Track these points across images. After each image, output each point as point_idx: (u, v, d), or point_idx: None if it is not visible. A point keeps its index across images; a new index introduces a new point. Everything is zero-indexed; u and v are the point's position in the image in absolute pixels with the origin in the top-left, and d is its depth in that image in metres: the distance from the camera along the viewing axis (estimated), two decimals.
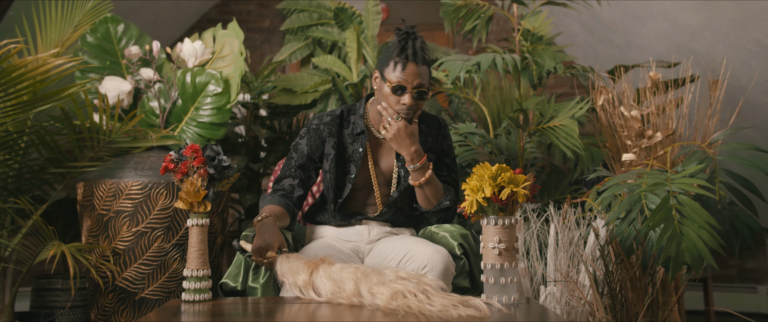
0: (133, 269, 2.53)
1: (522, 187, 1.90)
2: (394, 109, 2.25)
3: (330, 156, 2.34)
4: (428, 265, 2.11)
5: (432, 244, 2.20)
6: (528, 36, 3.00)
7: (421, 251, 2.14)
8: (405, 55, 2.21)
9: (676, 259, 1.96)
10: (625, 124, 2.64)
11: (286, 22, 3.30)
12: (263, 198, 2.33)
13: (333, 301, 1.89)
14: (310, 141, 2.36)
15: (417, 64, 2.22)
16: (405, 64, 2.22)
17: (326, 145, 2.35)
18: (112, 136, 2.58)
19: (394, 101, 2.24)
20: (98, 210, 2.55)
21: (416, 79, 2.22)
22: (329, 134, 2.35)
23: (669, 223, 1.97)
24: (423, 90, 2.24)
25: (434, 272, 2.09)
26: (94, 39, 2.82)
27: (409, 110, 2.24)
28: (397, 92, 2.24)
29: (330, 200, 2.36)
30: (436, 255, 2.13)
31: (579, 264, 2.48)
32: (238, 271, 2.17)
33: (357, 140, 2.36)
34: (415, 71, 2.22)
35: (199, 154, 2.06)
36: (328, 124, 2.37)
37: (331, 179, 2.34)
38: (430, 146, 2.39)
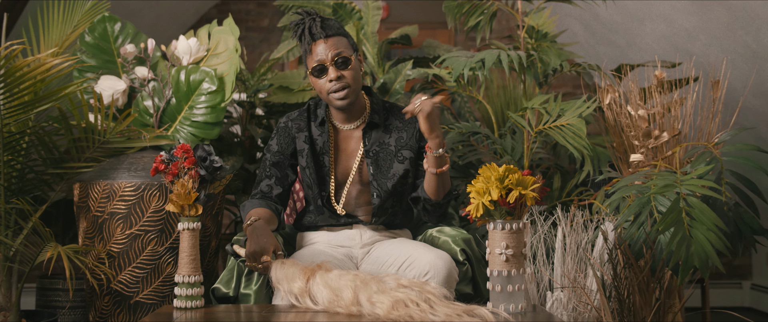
0: (127, 272, 2.47)
1: (530, 189, 1.83)
2: (327, 95, 2.15)
3: (304, 151, 2.27)
4: (430, 271, 2.03)
5: (434, 249, 2.11)
6: (532, 33, 2.92)
7: (423, 256, 2.06)
8: (308, 37, 2.14)
9: (685, 262, 1.89)
10: (632, 124, 2.57)
11: (284, 19, 3.23)
12: (243, 206, 2.25)
13: (330, 310, 1.81)
14: (279, 140, 2.30)
15: (324, 39, 2.13)
16: (311, 46, 2.14)
17: (297, 142, 2.28)
18: (106, 136, 2.54)
19: (323, 85, 2.15)
20: (93, 212, 2.49)
21: (330, 51, 2.13)
22: (298, 130, 2.28)
23: (679, 226, 1.90)
24: (343, 56, 2.14)
25: (437, 279, 2.02)
26: (92, 38, 2.76)
27: (339, 84, 2.14)
28: (320, 74, 2.15)
29: (314, 195, 2.27)
30: (438, 261, 2.05)
31: (586, 269, 2.40)
32: (231, 276, 2.11)
33: (323, 132, 2.28)
34: (325, 45, 2.13)
35: (191, 155, 1.98)
36: (295, 120, 2.30)
37: (310, 174, 2.26)
38: (405, 142, 2.27)
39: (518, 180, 1.85)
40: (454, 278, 2.08)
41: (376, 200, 2.25)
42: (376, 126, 2.28)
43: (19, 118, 2.41)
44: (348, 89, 2.16)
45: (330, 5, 3.28)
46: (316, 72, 2.15)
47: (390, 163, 2.26)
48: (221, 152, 3.14)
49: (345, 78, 2.15)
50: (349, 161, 2.28)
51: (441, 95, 2.05)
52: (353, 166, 2.27)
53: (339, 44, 2.15)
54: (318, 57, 2.14)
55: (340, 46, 2.15)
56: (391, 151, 2.27)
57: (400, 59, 3.29)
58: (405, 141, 2.28)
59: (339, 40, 2.16)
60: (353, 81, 2.17)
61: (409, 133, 2.29)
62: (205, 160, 2.03)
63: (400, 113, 2.31)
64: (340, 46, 2.15)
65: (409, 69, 3.03)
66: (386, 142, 2.28)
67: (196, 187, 2.01)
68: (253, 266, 2.03)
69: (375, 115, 2.28)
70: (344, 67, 2.15)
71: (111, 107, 2.52)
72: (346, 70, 2.15)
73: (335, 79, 2.13)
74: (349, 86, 2.16)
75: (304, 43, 2.16)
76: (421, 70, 2.98)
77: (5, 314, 2.48)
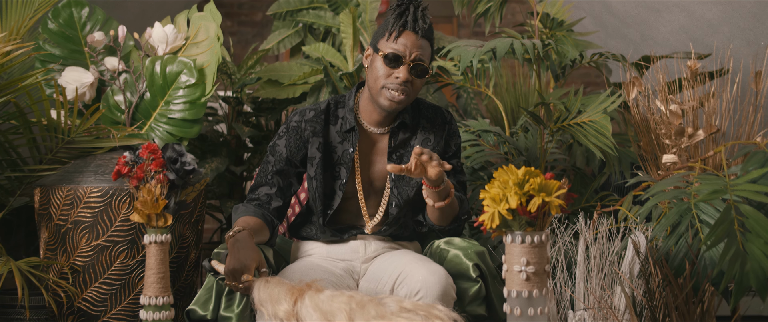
0: (93, 288, 2.21)
1: (555, 196, 1.56)
2: (380, 88, 1.90)
3: (315, 160, 1.98)
4: (422, 290, 1.77)
5: (429, 264, 1.84)
6: (547, 21, 2.65)
7: (415, 273, 1.79)
8: (403, 21, 1.90)
9: (739, 282, 1.62)
10: (662, 121, 2.29)
11: (274, 6, 2.96)
12: (236, 210, 1.96)
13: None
14: (289, 142, 2.00)
15: (417, 35, 1.90)
16: (402, 32, 1.90)
17: (310, 147, 2.00)
18: (71, 135, 2.29)
19: (386, 75, 1.90)
20: (55, 220, 2.23)
21: (415, 51, 1.89)
22: (313, 133, 1.99)
23: (732, 239, 1.62)
24: (423, 65, 1.90)
25: (428, 299, 1.76)
26: (56, 25, 2.50)
27: (403, 87, 1.89)
28: (391, 64, 1.90)
29: (318, 212, 2.00)
30: (430, 278, 1.78)
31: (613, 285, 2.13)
32: (209, 296, 1.82)
33: (347, 139, 2.00)
34: (415, 42, 1.90)
35: (158, 156, 1.71)
36: (311, 121, 2.01)
37: (318, 187, 1.98)
38: (433, 147, 2.02)
39: (541, 185, 1.58)
40: (450, 297, 1.82)
41: (394, 210, 2.00)
42: (404, 126, 2.03)
43: None
44: (406, 97, 1.93)
45: None
46: (388, 59, 1.91)
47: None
48: (204, 153, 2.89)
49: (412, 85, 1.92)
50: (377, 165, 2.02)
51: (448, 166, 1.81)
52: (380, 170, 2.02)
53: (425, 51, 1.93)
54: (400, 47, 1.90)
55: (425, 54, 1.93)
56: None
57: None
58: (432, 145, 2.03)
59: (427, 47, 1.94)
60: (415, 92, 1.95)
61: (437, 136, 2.04)
62: (176, 161, 1.75)
63: (428, 111, 2.07)
64: (426, 54, 1.94)
65: None
66: (411, 144, 2.02)
67: (165, 193, 1.74)
68: (233, 286, 1.76)
69: (406, 115, 2.02)
70: (418, 76, 1.93)
71: (76, 102, 2.27)
72: (417, 80, 1.93)
73: (403, 81, 1.90)
74: (409, 95, 1.93)
75: (396, 22, 1.92)
76: None
77: None
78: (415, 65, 1.90)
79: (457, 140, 2.07)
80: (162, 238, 1.73)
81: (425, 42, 1.93)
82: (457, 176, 2.06)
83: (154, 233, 1.73)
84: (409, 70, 1.90)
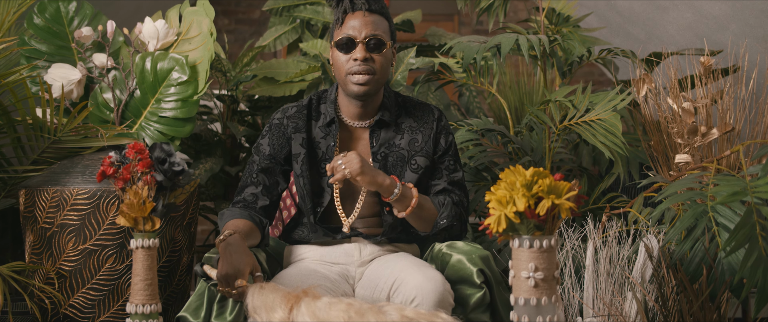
0: (81, 294, 2.13)
1: (565, 198, 1.47)
2: (344, 76, 1.85)
3: (300, 156, 1.91)
4: (417, 297, 1.69)
5: (426, 269, 1.76)
6: (553, 17, 2.56)
7: (410, 279, 1.72)
8: (344, 6, 1.85)
9: (762, 290, 1.53)
10: (674, 119, 2.21)
11: (269, 2, 2.89)
12: (222, 215, 1.88)
13: None
14: (272, 140, 1.94)
15: (364, 12, 1.84)
16: (346, 16, 1.86)
17: (293, 144, 1.93)
18: (57, 134, 2.22)
19: (345, 61, 1.85)
20: (40, 223, 2.15)
21: (365, 28, 1.83)
22: (295, 129, 1.93)
23: (754, 244, 1.54)
24: (377, 39, 1.83)
25: (425, 307, 1.68)
26: (42, 20, 2.42)
27: (364, 66, 1.83)
28: (346, 49, 1.85)
29: (307, 210, 1.92)
30: (426, 284, 1.70)
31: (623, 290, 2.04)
32: (201, 302, 1.74)
33: (328, 133, 1.94)
34: (363, 19, 1.84)
35: (145, 156, 1.62)
36: (292, 117, 1.95)
37: (305, 185, 1.91)
38: (420, 147, 1.94)
39: (550, 187, 1.50)
40: (448, 303, 1.74)
41: (388, 217, 1.92)
42: (386, 125, 1.94)
43: None
44: (371, 76, 1.86)
45: None
46: (341, 46, 1.85)
47: (401, 170, 1.92)
48: (199, 153, 2.81)
49: (373, 62, 1.85)
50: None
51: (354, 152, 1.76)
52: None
53: (378, 25, 1.86)
54: (349, 30, 1.85)
55: (378, 28, 1.86)
56: (402, 156, 1.93)
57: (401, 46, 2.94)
58: (420, 145, 1.95)
59: (379, 21, 1.87)
60: (380, 70, 1.87)
61: (425, 135, 1.96)
62: (164, 162, 1.67)
63: (416, 109, 1.99)
64: (379, 28, 1.86)
65: (412, 57, 2.67)
66: (396, 143, 1.94)
67: (153, 195, 1.65)
68: (226, 292, 1.68)
69: (386, 111, 1.95)
70: (376, 51, 1.86)
71: (62, 100, 2.18)
72: (377, 55, 1.86)
73: (361, 60, 1.84)
74: (374, 73, 1.86)
75: (338, 10, 1.88)
76: (426, 59, 2.63)
77: None
78: (369, 41, 1.84)
79: (448, 138, 1.99)
80: (149, 242, 1.65)
81: (376, 16, 1.86)
82: (451, 175, 1.97)
83: (141, 238, 1.65)
84: (366, 48, 1.84)
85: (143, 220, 1.64)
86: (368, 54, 1.84)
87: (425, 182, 1.96)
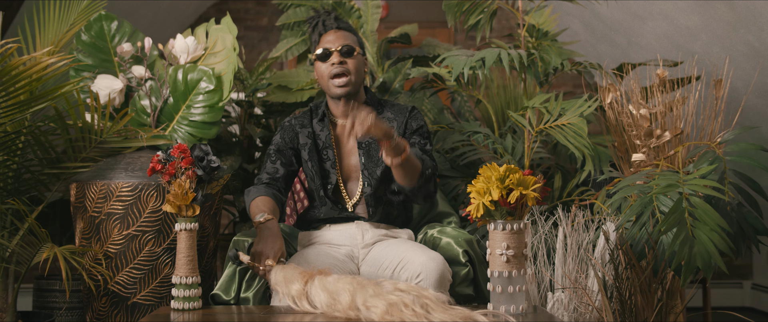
0: (124, 273, 2.45)
1: (531, 189, 1.81)
2: (327, 81, 2.27)
3: (307, 145, 2.35)
4: (422, 273, 2.02)
5: (427, 250, 2.10)
6: (533, 32, 2.90)
7: (415, 258, 2.05)
8: (319, 29, 2.31)
9: (688, 263, 1.87)
10: (633, 123, 2.54)
11: (282, 17, 3.20)
12: (248, 192, 2.29)
13: (328, 314, 1.80)
14: (284, 135, 2.39)
15: (333, 30, 2.30)
16: (321, 36, 2.31)
17: (300, 136, 2.37)
18: (103, 136, 2.51)
19: (326, 70, 2.27)
20: (90, 212, 2.46)
21: (338, 41, 2.28)
22: (301, 126, 2.38)
23: (682, 226, 1.88)
24: (348, 46, 2.27)
25: (429, 281, 2.00)
26: (89, 37, 2.73)
27: (341, 69, 2.24)
28: (324, 58, 2.28)
29: (317, 187, 2.32)
30: (430, 263, 2.03)
31: (588, 269, 2.38)
32: (231, 282, 2.09)
33: (324, 127, 2.36)
34: (334, 34, 2.29)
35: (187, 155, 1.96)
36: (299, 118, 2.41)
37: (314, 167, 2.33)
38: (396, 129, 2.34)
39: (519, 180, 1.83)
40: (447, 280, 2.07)
41: (367, 189, 2.29)
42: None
43: (14, 117, 2.38)
44: (348, 77, 2.27)
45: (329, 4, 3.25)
46: (321, 57, 2.28)
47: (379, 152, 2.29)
48: (219, 152, 3.12)
49: (346, 65, 2.26)
50: (350, 157, 2.34)
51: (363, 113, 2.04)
52: (354, 160, 2.33)
53: (347, 37, 2.30)
54: (326, 44, 2.29)
55: (348, 39, 2.29)
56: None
57: (399, 58, 3.27)
58: (395, 129, 2.33)
59: (348, 35, 2.31)
60: (355, 71, 2.28)
61: (400, 122, 2.36)
62: (203, 160, 2.01)
63: (393, 108, 2.40)
64: (349, 39, 2.30)
65: (408, 68, 3.01)
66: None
67: (194, 187, 1.99)
68: (255, 268, 2.02)
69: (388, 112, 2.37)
70: (348, 56, 2.27)
71: (108, 107, 2.49)
72: (349, 59, 2.27)
73: (337, 64, 2.25)
74: (349, 73, 2.27)
75: (315, 33, 2.32)
76: (421, 68, 2.96)
77: (1, 315, 2.46)
78: (342, 48, 2.27)
79: (418, 122, 2.37)
80: (191, 226, 1.98)
81: (344, 32, 2.31)
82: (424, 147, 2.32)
83: (184, 222, 1.98)
84: (340, 55, 2.26)
85: (186, 207, 1.97)
86: (342, 58, 2.27)
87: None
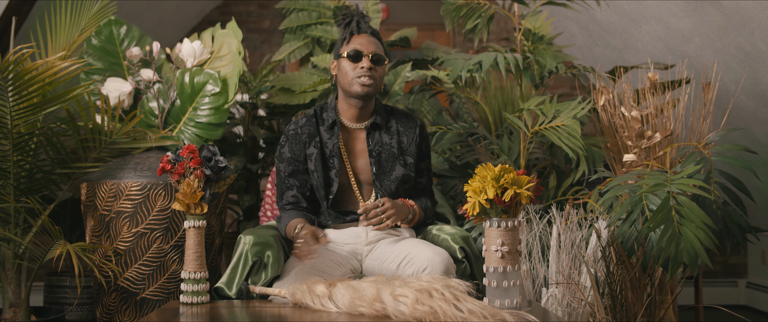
0: (133, 269, 2.53)
1: (525, 188, 1.89)
2: (351, 80, 2.30)
3: (313, 155, 2.35)
4: (428, 267, 2.10)
5: (432, 246, 2.18)
6: (529, 36, 2.98)
7: (421, 253, 2.13)
8: (352, 28, 2.34)
9: (674, 259, 1.95)
10: (625, 125, 2.62)
11: (285, 21, 3.28)
12: (279, 219, 2.34)
13: (353, 311, 1.83)
14: (291, 147, 2.37)
15: (367, 34, 2.34)
16: (353, 36, 2.34)
17: (308, 146, 2.36)
18: (112, 137, 2.60)
19: (353, 68, 2.31)
20: (100, 210, 2.55)
21: (370, 46, 2.32)
22: (309, 136, 2.37)
23: (669, 224, 1.96)
24: (379, 55, 2.33)
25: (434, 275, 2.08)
26: (98, 41, 2.81)
27: (369, 73, 2.29)
28: (355, 59, 2.31)
29: (321, 197, 2.35)
30: (436, 257, 2.11)
31: (581, 266, 2.47)
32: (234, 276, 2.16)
33: (332, 134, 2.37)
34: (367, 39, 2.34)
35: (196, 155, 2.05)
36: (304, 126, 2.39)
37: (319, 178, 2.34)
38: (406, 148, 2.39)
39: (513, 179, 1.90)
40: (451, 274, 2.15)
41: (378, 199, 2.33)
42: (379, 127, 2.37)
43: (28, 119, 2.46)
44: (374, 82, 2.31)
45: (330, 7, 3.33)
46: (352, 56, 2.31)
47: (392, 164, 2.35)
48: (224, 153, 3.19)
49: (375, 72, 2.31)
50: (359, 160, 2.37)
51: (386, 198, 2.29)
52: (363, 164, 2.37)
53: (378, 46, 2.35)
54: (357, 45, 2.32)
55: (379, 49, 2.34)
56: (393, 153, 2.35)
57: (399, 61, 3.35)
58: (406, 146, 2.39)
59: (378, 43, 2.36)
60: (379, 78, 2.34)
61: (409, 138, 2.40)
62: (211, 160, 2.09)
63: (401, 118, 2.43)
64: (380, 49, 2.35)
65: (408, 71, 3.09)
66: (387, 142, 2.37)
67: (202, 186, 2.07)
68: (305, 246, 2.07)
69: (378, 117, 2.39)
70: (378, 64, 2.33)
71: (117, 109, 2.57)
72: (378, 67, 2.33)
73: (368, 68, 2.29)
74: (375, 80, 2.32)
75: (347, 31, 2.35)
76: (420, 71, 3.04)
77: (15, 310, 2.55)
78: (373, 56, 2.31)
79: (428, 144, 2.46)
80: (199, 223, 2.07)
81: (374, 39, 2.36)
82: (426, 178, 2.44)
83: (193, 219, 2.06)
84: (371, 61, 2.31)
85: (194, 206, 2.06)
86: (372, 65, 2.31)
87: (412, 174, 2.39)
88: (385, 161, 2.35)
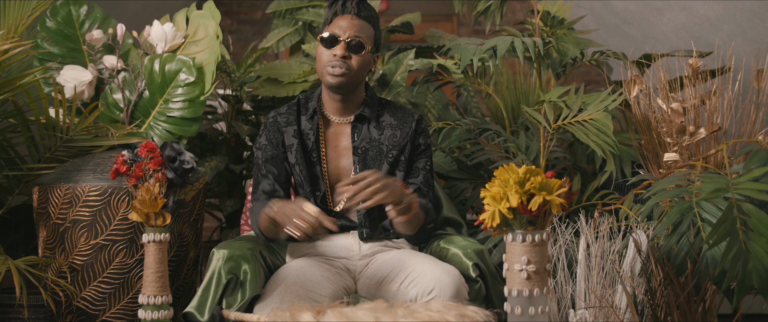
0: (92, 287, 2.20)
1: (556, 194, 1.55)
2: (322, 68, 1.96)
3: (293, 146, 2.02)
4: (435, 289, 1.76)
5: (439, 263, 1.84)
6: (547, 19, 2.63)
7: (427, 272, 1.78)
8: (335, 8, 1.99)
9: (742, 281, 1.61)
10: (663, 119, 2.28)
11: (273, 5, 2.95)
12: (252, 210, 1.97)
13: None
14: (269, 135, 2.04)
15: (351, 15, 1.97)
16: (335, 17, 1.99)
17: (286, 136, 2.03)
18: (69, 133, 2.29)
19: (324, 57, 1.97)
20: (53, 219, 2.22)
21: (351, 30, 1.95)
22: (287, 123, 2.04)
23: (734, 238, 1.61)
24: (358, 41, 1.95)
25: (442, 299, 1.74)
26: (54, 23, 2.49)
27: (341, 62, 1.94)
28: (329, 44, 1.97)
29: (306, 194, 2.01)
30: (445, 277, 1.77)
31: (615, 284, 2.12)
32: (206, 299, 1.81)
33: (313, 125, 2.04)
34: (350, 22, 1.97)
35: (157, 155, 1.70)
36: (284, 114, 2.06)
37: (301, 171, 2.00)
38: (398, 142, 2.03)
39: (541, 184, 1.58)
40: (463, 296, 1.81)
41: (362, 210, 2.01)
42: (366, 120, 2.03)
43: None
44: (347, 73, 1.96)
45: None
46: (325, 41, 1.97)
47: (379, 163, 2.00)
48: (204, 151, 2.88)
49: (349, 60, 1.96)
50: (342, 158, 2.04)
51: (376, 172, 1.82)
52: (346, 163, 2.03)
53: (362, 29, 1.99)
54: (335, 29, 1.98)
55: (362, 32, 1.98)
56: (381, 151, 2.01)
57: (401, 49, 3.01)
58: (398, 140, 2.04)
59: (365, 26, 2.00)
60: (357, 69, 1.98)
61: (404, 132, 2.05)
62: (174, 160, 1.74)
63: (395, 111, 2.09)
64: (363, 32, 1.98)
65: (411, 59, 2.74)
66: (376, 138, 2.03)
67: (164, 192, 1.73)
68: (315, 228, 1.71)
69: (366, 108, 2.05)
70: (355, 52, 1.97)
71: (74, 101, 2.26)
72: (355, 55, 1.97)
73: (340, 57, 1.95)
74: (349, 70, 1.96)
75: (330, 11, 2.01)
76: (425, 60, 2.71)
77: None
78: (351, 41, 1.95)
79: (426, 140, 2.09)
80: (160, 237, 1.72)
81: (363, 22, 1.99)
82: (425, 176, 2.06)
83: (153, 232, 1.72)
84: (346, 47, 1.95)
85: (155, 215, 1.71)
86: (347, 52, 1.95)
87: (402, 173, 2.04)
88: (371, 159, 2.01)
